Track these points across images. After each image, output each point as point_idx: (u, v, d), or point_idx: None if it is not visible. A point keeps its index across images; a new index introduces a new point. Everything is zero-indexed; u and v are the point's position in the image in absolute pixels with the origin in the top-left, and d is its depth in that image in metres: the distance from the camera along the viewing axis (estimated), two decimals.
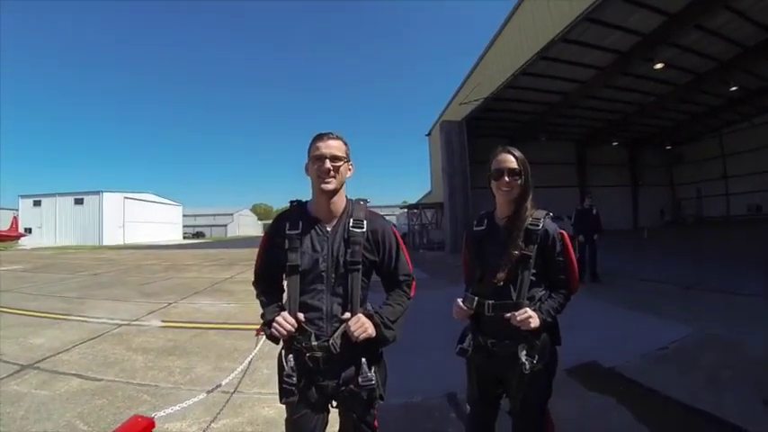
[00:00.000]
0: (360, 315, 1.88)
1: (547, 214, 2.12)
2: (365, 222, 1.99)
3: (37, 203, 54.84)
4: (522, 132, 28.86)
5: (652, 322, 5.99)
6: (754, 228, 23.44)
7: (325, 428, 2.07)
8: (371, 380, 1.91)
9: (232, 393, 4.01)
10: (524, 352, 1.97)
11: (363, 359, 1.92)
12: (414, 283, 2.17)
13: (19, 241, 43.75)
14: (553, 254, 2.08)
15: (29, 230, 49.28)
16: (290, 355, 1.93)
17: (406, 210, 33.68)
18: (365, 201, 2.12)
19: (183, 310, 8.44)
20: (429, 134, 32.10)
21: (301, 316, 1.90)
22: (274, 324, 1.87)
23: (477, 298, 2.11)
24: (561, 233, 2.12)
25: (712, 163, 35.56)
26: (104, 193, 53.44)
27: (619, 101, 24.46)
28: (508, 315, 1.96)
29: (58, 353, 5.40)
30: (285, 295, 2.02)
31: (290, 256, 1.93)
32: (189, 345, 5.82)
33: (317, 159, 1.92)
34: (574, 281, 2.13)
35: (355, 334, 1.83)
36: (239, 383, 4.27)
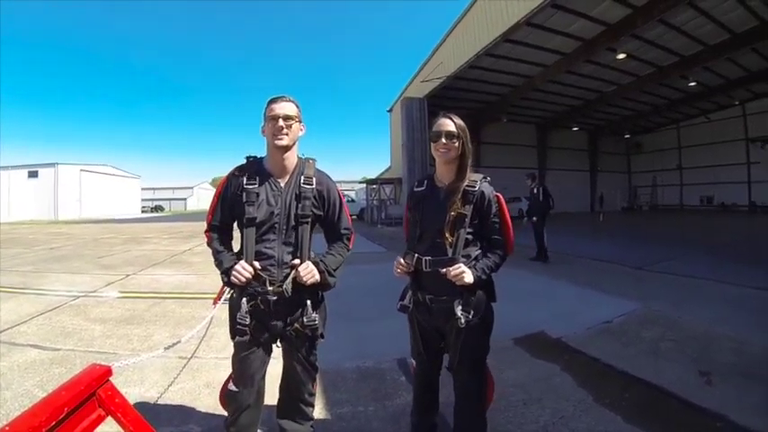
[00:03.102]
0: (308, 262, 2.15)
1: (483, 177, 2.23)
2: (314, 180, 2.23)
3: None
4: (484, 113, 29.00)
5: (599, 298, 6.26)
6: (704, 217, 24.41)
7: (266, 366, 2.34)
8: (315, 320, 2.19)
9: (189, 358, 4.10)
10: (460, 307, 2.08)
11: (308, 301, 2.19)
12: (353, 236, 2.45)
13: None
14: (489, 215, 2.18)
15: None
16: (244, 299, 2.14)
17: (365, 185, 33.52)
18: (314, 159, 2.34)
19: (141, 281, 8.37)
20: (390, 110, 31.99)
21: (257, 264, 2.12)
22: (234, 272, 2.09)
23: (416, 255, 2.23)
24: (497, 195, 2.23)
25: (669, 154, 36.95)
26: (60, 166, 51.02)
27: (581, 87, 24.85)
28: (443, 270, 2.08)
29: (15, 325, 5.31)
30: (242, 244, 2.19)
31: (248, 209, 2.14)
32: (147, 314, 5.82)
33: (271, 119, 2.12)
34: (509, 242, 2.23)
35: (305, 279, 2.09)
36: (196, 349, 4.35)
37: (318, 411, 3.04)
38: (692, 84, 24.46)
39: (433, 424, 2.58)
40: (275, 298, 2.12)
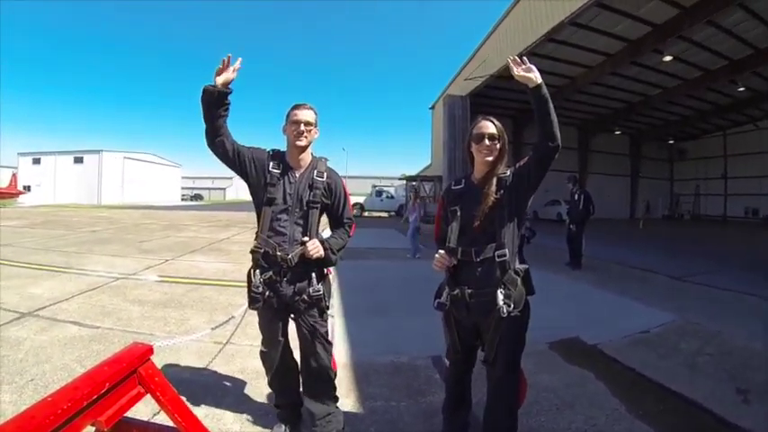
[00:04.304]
0: (315, 239, 2.50)
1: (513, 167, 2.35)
2: (325, 174, 2.60)
3: (36, 162, 54.41)
4: (526, 113, 28.37)
5: (637, 307, 6.10)
6: (748, 229, 23.52)
7: (286, 329, 2.69)
8: (319, 290, 2.54)
9: (224, 344, 4.18)
10: (502, 296, 2.08)
11: (313, 274, 2.54)
12: (354, 225, 2.81)
13: (18, 199, 43.59)
14: (526, 164, 2.30)
15: (28, 188, 49.03)
16: (257, 271, 2.51)
17: (404, 181, 33.52)
18: (326, 158, 2.73)
19: (179, 266, 8.57)
20: (432, 107, 31.76)
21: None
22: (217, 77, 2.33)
23: (460, 248, 2.27)
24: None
25: (713, 162, 35.29)
26: (104, 153, 52.96)
27: (625, 90, 24.21)
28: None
29: (57, 302, 5.52)
30: (260, 221, 2.55)
31: (269, 189, 2.52)
32: (184, 298, 5.95)
33: (294, 123, 2.50)
34: None
35: (311, 253, 2.43)
36: (232, 335, 4.43)
37: (351, 405, 3.09)
38: (741, 89, 23.31)
39: (465, 422, 2.58)
40: (284, 265, 2.46)
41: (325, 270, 2.67)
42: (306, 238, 2.49)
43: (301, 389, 2.72)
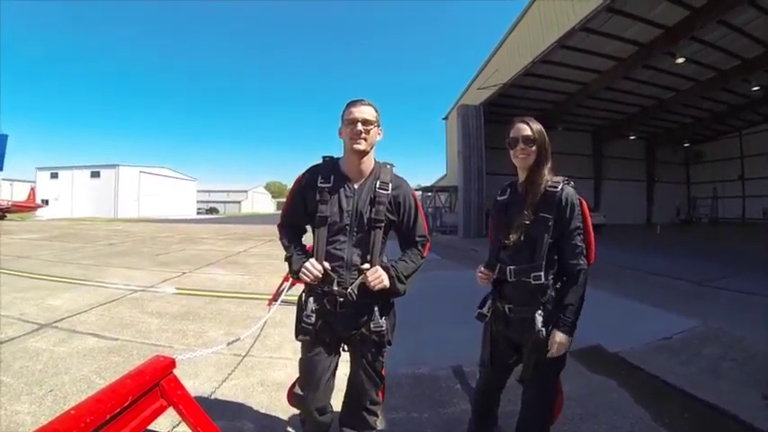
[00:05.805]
0: (378, 267, 2.08)
1: (566, 180, 2.11)
2: (390, 185, 2.18)
3: (54, 176, 55.52)
4: (540, 120, 27.54)
5: (658, 313, 5.99)
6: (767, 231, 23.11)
7: (335, 371, 2.30)
8: (382, 326, 2.15)
9: (244, 356, 4.16)
10: (541, 318, 2.00)
11: (376, 307, 2.15)
12: (428, 243, 2.35)
13: (36, 212, 44.38)
14: (571, 218, 2.03)
15: (45, 202, 49.79)
16: (311, 298, 2.15)
17: (420, 192, 33.60)
18: (392, 164, 2.29)
19: (196, 279, 8.59)
20: (446, 118, 31.64)
21: (327, 264, 2.10)
22: (303, 270, 2.08)
23: (499, 264, 2.17)
24: (580, 199, 2.08)
25: (730, 163, 34.55)
26: (120, 167, 54.01)
27: (638, 94, 23.96)
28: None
29: (76, 314, 5.56)
30: (313, 243, 2.18)
31: (321, 208, 2.12)
32: (202, 311, 5.95)
33: (350, 122, 2.09)
34: (591, 251, 2.08)
35: (372, 284, 2.03)
36: (251, 348, 4.41)
37: None
38: (756, 88, 22.83)
39: None
40: (342, 299, 2.09)
41: (391, 301, 2.31)
42: (366, 266, 2.10)
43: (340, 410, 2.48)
